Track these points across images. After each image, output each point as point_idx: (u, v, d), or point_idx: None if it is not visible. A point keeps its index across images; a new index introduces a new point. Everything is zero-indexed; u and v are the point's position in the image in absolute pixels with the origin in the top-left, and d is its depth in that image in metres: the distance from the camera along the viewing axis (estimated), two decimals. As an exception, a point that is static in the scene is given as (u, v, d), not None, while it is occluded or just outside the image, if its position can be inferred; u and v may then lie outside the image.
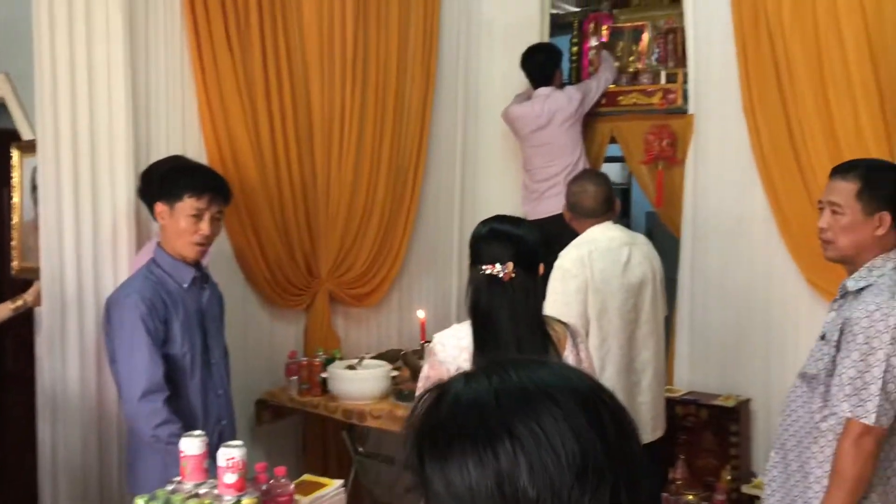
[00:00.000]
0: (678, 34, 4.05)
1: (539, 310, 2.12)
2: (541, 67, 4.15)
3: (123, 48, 2.91)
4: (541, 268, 2.11)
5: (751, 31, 3.49)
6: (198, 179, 2.56)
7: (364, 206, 3.89)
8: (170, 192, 2.51)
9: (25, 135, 3.23)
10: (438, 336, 2.14)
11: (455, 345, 2.07)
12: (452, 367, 2.02)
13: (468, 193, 4.50)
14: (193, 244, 2.52)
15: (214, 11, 3.23)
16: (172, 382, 2.47)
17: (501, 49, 4.42)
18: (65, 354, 2.83)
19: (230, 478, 2.03)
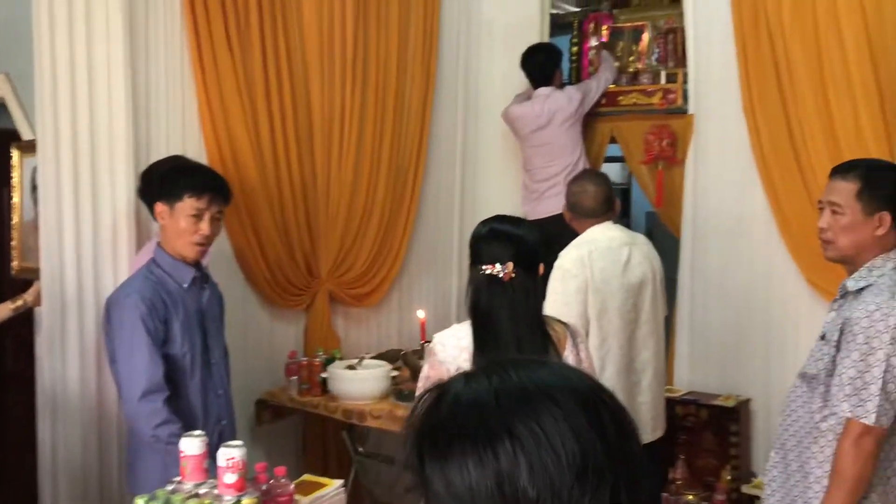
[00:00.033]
0: (678, 34, 4.05)
1: (539, 310, 2.12)
2: (541, 67, 4.15)
3: (123, 48, 2.91)
4: (541, 268, 2.11)
5: (751, 31, 3.49)
6: (198, 179, 2.57)
7: (364, 206, 3.89)
8: (170, 192, 2.51)
9: (25, 135, 3.23)
10: (438, 336, 2.14)
11: (455, 345, 2.07)
12: (452, 367, 2.02)
13: (468, 193, 4.50)
14: (193, 244, 2.52)
15: (214, 11, 3.23)
16: (172, 382, 2.47)
17: (501, 49, 4.42)
18: (65, 354, 2.83)
19: (230, 478, 2.03)
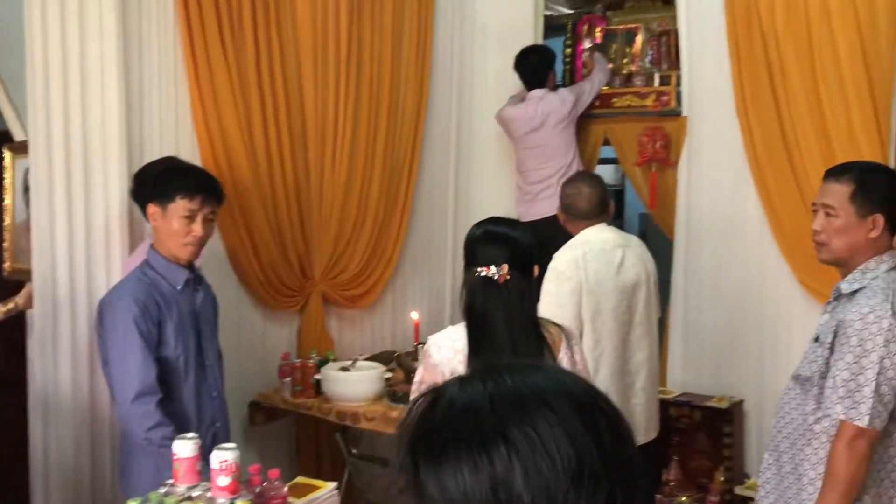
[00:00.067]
0: (671, 36, 4.06)
1: (534, 312, 2.11)
2: (534, 69, 4.15)
3: (116, 48, 2.90)
4: (535, 270, 2.11)
5: (744, 34, 3.50)
6: (190, 180, 2.55)
7: (358, 207, 3.88)
8: (162, 194, 2.50)
9: (17, 136, 3.21)
10: (433, 338, 2.13)
11: (450, 347, 2.07)
12: (447, 370, 2.02)
13: (462, 195, 4.50)
14: (186, 245, 2.51)
15: (208, 11, 3.21)
16: (166, 385, 2.45)
17: (495, 50, 4.42)
18: (57, 356, 2.81)
19: (223, 481, 2.03)
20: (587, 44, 4.42)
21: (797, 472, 2.15)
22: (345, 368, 3.45)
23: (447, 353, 2.06)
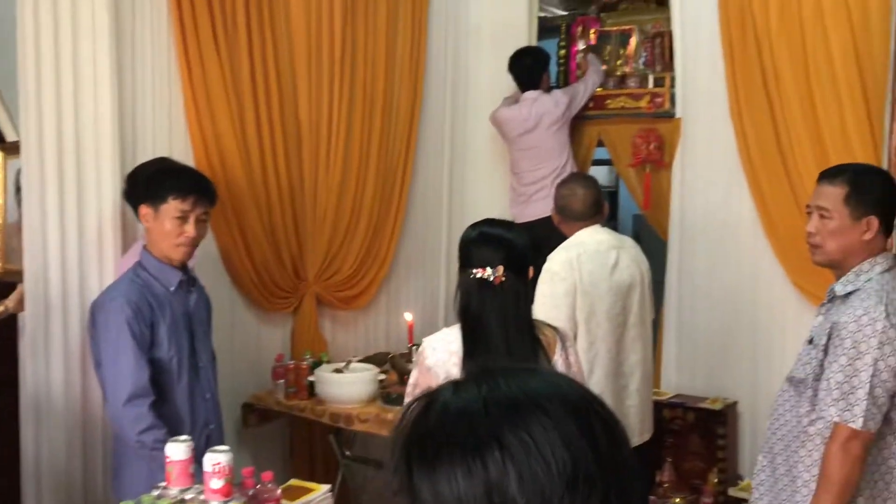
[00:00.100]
0: (665, 38, 4.06)
1: (529, 314, 2.11)
2: (528, 71, 4.15)
3: (109, 48, 2.88)
4: (530, 271, 2.11)
5: (738, 35, 3.51)
6: (182, 181, 2.54)
7: (352, 208, 3.87)
8: (154, 194, 2.49)
9: (9, 136, 3.20)
10: (428, 340, 2.13)
11: (445, 349, 2.06)
12: (441, 372, 2.02)
13: (456, 196, 4.49)
14: (178, 246, 2.50)
15: (201, 11, 3.20)
16: (159, 387, 2.44)
17: (489, 52, 4.42)
18: (49, 358, 2.80)
19: (216, 483, 2.02)
20: (581, 45, 4.42)
21: (791, 474, 2.15)
22: (338, 370, 3.44)
23: (442, 356, 2.05)
